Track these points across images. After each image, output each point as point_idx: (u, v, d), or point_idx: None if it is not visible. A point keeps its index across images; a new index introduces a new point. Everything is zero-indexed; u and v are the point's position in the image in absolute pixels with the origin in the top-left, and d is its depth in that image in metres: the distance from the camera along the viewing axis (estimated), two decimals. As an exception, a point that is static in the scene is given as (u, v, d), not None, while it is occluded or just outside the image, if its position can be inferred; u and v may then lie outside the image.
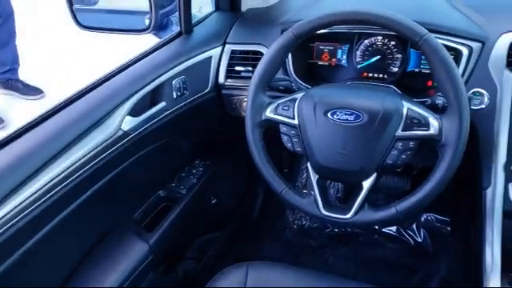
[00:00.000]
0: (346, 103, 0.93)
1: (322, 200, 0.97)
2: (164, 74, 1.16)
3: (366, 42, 1.19)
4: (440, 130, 0.87)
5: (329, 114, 0.93)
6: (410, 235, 1.80)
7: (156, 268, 1.29)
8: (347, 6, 0.93)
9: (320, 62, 1.27)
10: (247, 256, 1.12)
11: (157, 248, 1.23)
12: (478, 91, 1.03)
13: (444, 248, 1.68)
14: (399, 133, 0.89)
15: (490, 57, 1.04)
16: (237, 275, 1.03)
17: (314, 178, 0.99)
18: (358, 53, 1.21)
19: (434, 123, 0.88)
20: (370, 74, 1.21)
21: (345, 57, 1.24)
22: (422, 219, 1.80)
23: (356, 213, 0.94)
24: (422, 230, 1.79)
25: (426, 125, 0.88)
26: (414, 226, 1.81)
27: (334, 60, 1.25)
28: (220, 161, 1.57)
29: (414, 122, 0.89)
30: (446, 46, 1.03)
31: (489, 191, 1.03)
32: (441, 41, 1.01)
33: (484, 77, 1.04)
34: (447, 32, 1.06)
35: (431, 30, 0.90)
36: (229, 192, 1.72)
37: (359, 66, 1.21)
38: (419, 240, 1.78)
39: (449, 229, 1.74)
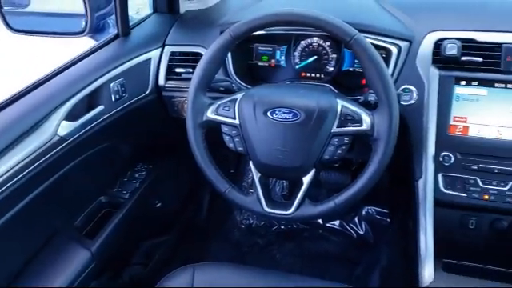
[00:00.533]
0: (284, 102, 0.95)
1: (264, 197, 0.99)
2: (101, 76, 1.14)
3: (303, 43, 1.23)
4: (372, 125, 0.91)
5: (268, 113, 0.95)
6: (352, 228, 1.87)
7: (100, 275, 1.26)
8: (284, 7, 0.95)
9: (260, 63, 1.29)
10: (195, 258, 1.12)
11: (99, 255, 1.20)
12: (407, 88, 1.09)
13: (384, 239, 1.76)
14: (334, 129, 0.93)
15: (418, 55, 1.10)
16: (183, 277, 1.02)
17: (256, 176, 1.00)
18: (296, 54, 1.25)
19: (366, 119, 0.92)
20: (308, 74, 1.25)
21: (283, 58, 1.27)
22: (363, 212, 1.88)
23: (297, 208, 0.97)
24: (363, 222, 1.86)
25: (359, 121, 0.92)
26: (356, 219, 1.88)
27: (273, 61, 1.28)
28: (163, 164, 1.56)
29: (347, 119, 0.93)
30: (376, 46, 1.09)
31: (420, 182, 1.09)
32: (371, 40, 1.07)
33: (412, 74, 1.10)
34: (377, 32, 1.11)
35: (362, 31, 0.94)
36: (173, 195, 1.71)
37: (297, 67, 1.25)
38: (361, 232, 1.85)
39: (388, 220, 1.82)
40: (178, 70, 1.27)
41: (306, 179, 0.97)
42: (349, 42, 0.91)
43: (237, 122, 0.97)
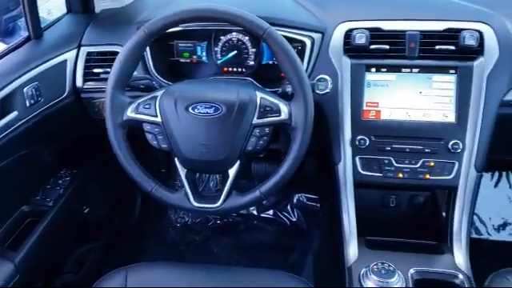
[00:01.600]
0: (205, 97, 0.97)
1: (192, 193, 1.00)
2: (13, 81, 1.09)
3: (223, 38, 1.25)
4: (290, 114, 0.95)
5: (190, 109, 0.96)
6: (285, 216, 1.93)
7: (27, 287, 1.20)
8: (200, 3, 0.96)
9: (181, 60, 1.29)
10: (130, 261, 1.10)
11: (24, 267, 1.15)
12: (322, 77, 1.15)
13: (315, 224, 1.83)
14: (255, 120, 0.96)
15: (330, 46, 1.15)
16: (116, 280, 1.01)
17: (182, 172, 1.01)
18: (217, 49, 1.26)
19: (284, 109, 0.95)
20: (230, 69, 1.28)
21: (204, 53, 1.28)
22: (295, 200, 1.94)
23: (224, 200, 0.99)
24: (295, 210, 1.93)
25: (277, 111, 0.96)
26: (289, 207, 1.94)
27: (194, 57, 1.29)
28: (88, 167, 1.51)
29: (267, 110, 0.96)
30: (291, 39, 1.13)
31: (340, 166, 1.15)
32: (285, 34, 1.11)
33: (326, 64, 1.15)
34: (290, 25, 1.15)
35: (275, 24, 0.98)
36: (102, 198, 1.67)
37: (219, 62, 1.27)
38: (294, 220, 1.91)
39: (318, 205, 1.90)
40: (95, 70, 1.24)
41: (232, 171, 0.99)
42: (262, 36, 0.94)
43: (159, 119, 0.97)
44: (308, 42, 1.15)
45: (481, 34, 1.08)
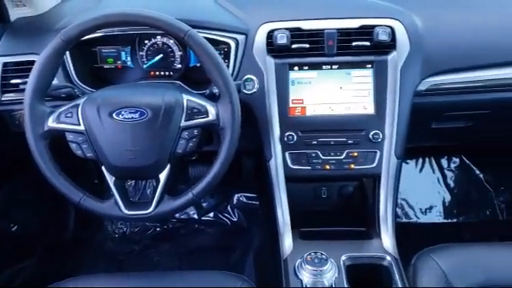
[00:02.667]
0: (129, 102, 0.95)
1: (122, 201, 0.98)
2: None
3: (148, 42, 1.24)
4: (217, 115, 0.97)
5: (114, 115, 0.94)
6: (226, 217, 1.94)
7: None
8: (122, 8, 0.95)
9: (106, 66, 1.27)
10: (67, 276, 1.06)
11: None
12: (249, 77, 1.17)
13: (255, 222, 1.86)
14: (183, 123, 0.96)
15: (254, 46, 1.18)
16: None
17: (110, 180, 0.99)
18: (142, 53, 1.25)
19: (211, 110, 0.97)
20: (157, 73, 1.27)
21: (129, 58, 1.26)
22: (235, 200, 1.96)
23: (157, 205, 0.98)
24: (236, 210, 1.94)
25: (205, 112, 0.97)
26: (229, 207, 1.95)
27: (119, 62, 1.27)
28: (15, 183, 1.44)
29: (194, 112, 0.96)
30: (215, 41, 1.15)
31: (272, 162, 1.18)
32: (209, 36, 1.13)
33: (252, 64, 1.18)
34: (213, 27, 1.17)
35: (198, 27, 0.99)
36: (32, 214, 1.60)
37: (145, 66, 1.26)
38: (235, 219, 1.93)
39: (257, 203, 1.93)
40: (13, 81, 1.18)
41: (163, 176, 0.98)
42: (183, 38, 0.94)
43: (81, 127, 0.95)
44: (232, 44, 1.17)
45: (392, 30, 1.15)
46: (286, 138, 1.16)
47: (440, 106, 1.24)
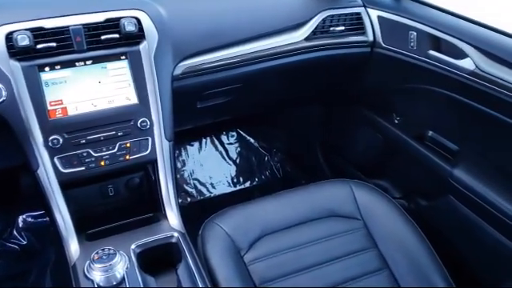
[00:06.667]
0: None
1: None
2: None
3: None
4: None
5: None
6: (14, 243, 1.76)
7: None
8: None
9: None
10: None
11: None
12: None
13: (49, 238, 1.73)
14: None
15: None
16: None
17: None
18: None
19: None
20: None
21: None
22: (20, 223, 1.79)
23: None
24: (23, 232, 1.78)
25: None
26: (15, 232, 1.78)
27: None
28: None
29: None
30: None
31: (40, 171, 1.12)
32: None
33: None
34: None
35: None
36: None
37: None
38: (25, 243, 1.76)
39: (47, 219, 1.79)
40: None
41: None
42: None
43: None
44: None
45: (139, 20, 1.19)
46: (50, 143, 1.11)
47: (198, 86, 1.35)
